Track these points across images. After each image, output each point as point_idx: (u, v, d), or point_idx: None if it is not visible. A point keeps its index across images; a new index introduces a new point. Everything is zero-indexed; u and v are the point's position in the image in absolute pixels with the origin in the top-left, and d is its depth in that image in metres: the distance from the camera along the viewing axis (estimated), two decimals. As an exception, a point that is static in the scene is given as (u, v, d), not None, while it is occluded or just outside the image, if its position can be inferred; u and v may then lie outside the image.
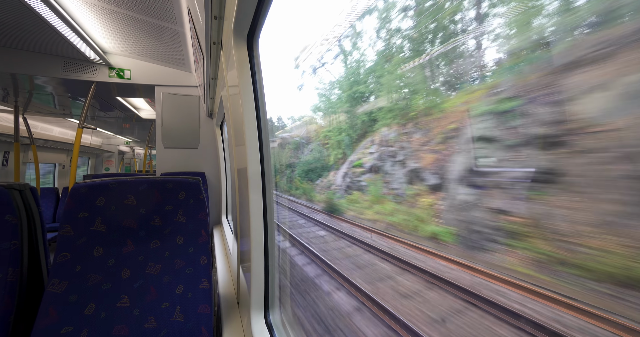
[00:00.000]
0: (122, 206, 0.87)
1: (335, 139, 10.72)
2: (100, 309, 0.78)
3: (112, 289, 0.81)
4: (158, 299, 0.85)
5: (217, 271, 1.62)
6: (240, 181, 1.14)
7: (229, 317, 1.08)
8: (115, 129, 6.50)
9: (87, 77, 2.66)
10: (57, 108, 4.13)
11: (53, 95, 3.39)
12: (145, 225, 0.90)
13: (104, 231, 0.84)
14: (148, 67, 2.83)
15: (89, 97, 2.74)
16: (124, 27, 2.17)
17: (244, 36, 0.95)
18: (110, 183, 0.86)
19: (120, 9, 1.90)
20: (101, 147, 8.03)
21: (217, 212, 3.13)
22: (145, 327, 0.81)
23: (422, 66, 7.48)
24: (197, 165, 3.04)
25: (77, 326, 0.75)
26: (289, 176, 12.17)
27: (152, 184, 0.91)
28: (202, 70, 1.90)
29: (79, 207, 0.82)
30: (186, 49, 2.47)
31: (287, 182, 11.99)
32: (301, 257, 4.52)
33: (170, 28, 2.11)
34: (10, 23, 2.01)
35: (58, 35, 2.11)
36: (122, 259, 0.85)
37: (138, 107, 4.37)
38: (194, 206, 0.96)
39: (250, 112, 0.97)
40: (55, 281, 0.76)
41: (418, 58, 7.76)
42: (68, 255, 0.79)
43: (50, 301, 0.74)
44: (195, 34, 1.57)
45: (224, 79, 1.30)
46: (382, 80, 8.70)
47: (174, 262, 0.91)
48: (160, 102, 2.91)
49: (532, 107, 3.79)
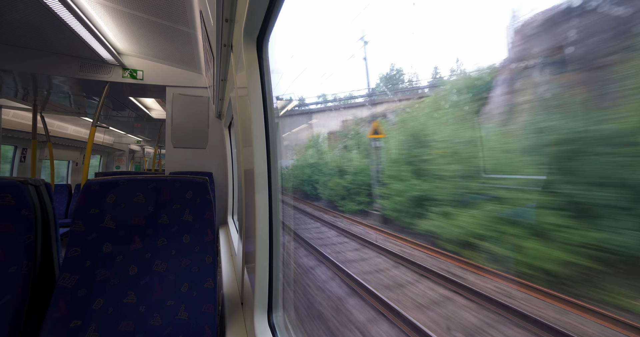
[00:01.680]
0: (131, 204, 0.89)
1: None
2: (108, 305, 0.80)
3: (119, 285, 0.83)
4: (164, 297, 0.86)
5: (222, 271, 1.63)
6: (247, 182, 1.15)
7: (232, 317, 1.08)
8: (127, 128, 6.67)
9: (102, 77, 2.75)
10: (72, 107, 4.27)
11: (69, 94, 3.50)
12: (153, 223, 0.92)
13: (113, 227, 0.86)
14: (160, 68, 2.90)
15: (103, 96, 2.82)
16: (138, 29, 2.23)
17: (254, 39, 0.96)
18: (120, 181, 0.88)
19: (135, 11, 1.96)
20: (113, 146, 8.24)
21: (223, 212, 3.16)
22: (151, 324, 0.82)
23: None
24: (205, 166, 3.09)
25: (85, 320, 0.76)
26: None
27: (160, 183, 0.93)
28: (212, 72, 1.94)
29: (90, 204, 0.84)
30: (197, 51, 2.52)
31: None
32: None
33: (183, 30, 2.16)
34: (32, 25, 2.10)
35: (76, 36, 2.18)
36: (130, 256, 0.87)
37: (149, 107, 4.48)
38: (201, 206, 0.97)
39: (258, 114, 0.98)
40: (66, 276, 0.78)
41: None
42: (78, 250, 0.81)
43: (61, 295, 0.76)
44: (206, 36, 1.60)
45: (233, 80, 1.32)
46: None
47: (180, 261, 0.92)
48: (171, 103, 2.97)
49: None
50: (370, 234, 4.93)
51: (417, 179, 4.47)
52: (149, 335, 0.81)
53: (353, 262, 3.95)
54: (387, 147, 5.68)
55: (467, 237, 3.16)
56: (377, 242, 4.33)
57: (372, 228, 5.16)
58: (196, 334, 0.85)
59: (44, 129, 4.46)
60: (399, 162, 4.98)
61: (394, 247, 4.10)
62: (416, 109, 6.07)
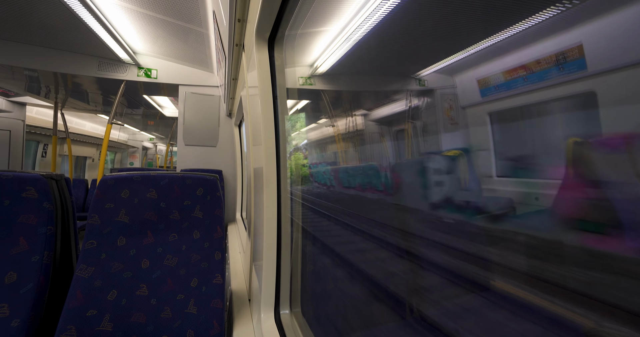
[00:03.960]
0: (144, 199, 0.92)
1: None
2: (122, 296, 0.83)
3: (132, 278, 0.86)
4: (174, 291, 0.89)
5: (230, 268, 1.66)
6: (256, 180, 1.16)
7: (239, 313, 1.10)
8: (141, 125, 6.87)
9: (118, 76, 2.83)
10: (90, 105, 4.43)
11: (87, 92, 3.64)
12: (164, 218, 0.94)
13: (127, 222, 0.89)
14: (173, 67, 2.97)
15: (119, 94, 2.92)
16: (154, 29, 2.29)
17: (266, 39, 0.97)
18: (134, 177, 0.91)
19: (150, 11, 2.01)
20: (127, 143, 8.51)
21: (232, 209, 3.21)
22: (162, 317, 0.85)
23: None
24: (215, 163, 3.14)
25: (100, 310, 0.79)
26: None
27: (172, 180, 0.95)
28: (223, 71, 1.97)
29: (106, 199, 0.87)
30: (209, 50, 2.56)
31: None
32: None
33: (196, 30, 2.21)
34: (55, 26, 2.19)
35: (95, 36, 2.26)
36: (143, 249, 0.90)
37: (162, 106, 4.59)
38: (211, 203, 0.99)
39: (268, 113, 0.99)
40: (83, 266, 0.81)
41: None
42: (95, 243, 0.84)
43: (78, 285, 0.79)
44: (218, 36, 1.63)
45: (245, 79, 1.33)
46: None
47: (190, 256, 0.94)
48: (183, 101, 3.04)
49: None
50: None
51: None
52: (160, 327, 0.84)
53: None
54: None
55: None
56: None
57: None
58: (205, 329, 0.87)
59: (64, 125, 4.65)
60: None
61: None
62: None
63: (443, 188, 1.74)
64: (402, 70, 2.44)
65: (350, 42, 2.20)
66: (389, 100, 3.10)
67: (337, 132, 4.04)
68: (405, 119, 2.74)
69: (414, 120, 2.59)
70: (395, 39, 2.15)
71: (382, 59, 2.57)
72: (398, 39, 2.15)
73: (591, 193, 0.90)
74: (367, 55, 2.48)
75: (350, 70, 2.95)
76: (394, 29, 1.97)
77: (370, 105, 3.59)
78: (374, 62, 2.70)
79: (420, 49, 2.18)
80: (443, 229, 1.76)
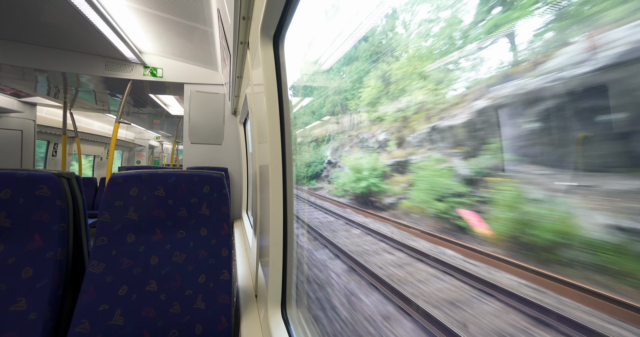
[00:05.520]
0: (152, 197, 0.93)
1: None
2: (132, 292, 0.85)
3: (142, 274, 0.88)
4: (183, 286, 0.90)
5: (237, 264, 1.68)
6: (262, 177, 1.17)
7: (246, 309, 1.12)
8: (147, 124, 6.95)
9: (125, 75, 2.87)
10: (97, 104, 4.50)
11: (95, 92, 3.69)
12: (172, 216, 0.96)
13: (136, 219, 0.91)
14: (178, 66, 2.99)
15: (126, 93, 2.95)
16: (159, 28, 2.30)
17: (270, 36, 0.97)
18: (142, 175, 0.93)
19: (156, 11, 2.02)
20: (134, 141, 8.62)
21: (238, 207, 3.24)
22: (171, 312, 0.87)
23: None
24: (221, 161, 3.17)
25: (112, 305, 0.81)
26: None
27: (179, 177, 0.97)
28: (228, 69, 1.97)
29: (116, 196, 0.89)
30: (214, 49, 2.57)
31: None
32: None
33: (200, 28, 2.21)
34: (63, 27, 2.22)
35: (102, 36, 2.29)
36: (152, 246, 0.91)
37: (168, 104, 4.63)
38: (217, 200, 1.00)
39: (273, 110, 0.99)
40: (95, 263, 0.83)
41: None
42: (105, 239, 0.86)
43: (90, 280, 0.82)
44: (223, 34, 1.63)
45: (249, 77, 1.33)
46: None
47: (197, 253, 0.95)
48: (189, 100, 3.06)
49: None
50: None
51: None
52: (169, 322, 0.86)
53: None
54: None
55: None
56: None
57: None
58: (213, 324, 0.89)
59: (73, 124, 4.73)
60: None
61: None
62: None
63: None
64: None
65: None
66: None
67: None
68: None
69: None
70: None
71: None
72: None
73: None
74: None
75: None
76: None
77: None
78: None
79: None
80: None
